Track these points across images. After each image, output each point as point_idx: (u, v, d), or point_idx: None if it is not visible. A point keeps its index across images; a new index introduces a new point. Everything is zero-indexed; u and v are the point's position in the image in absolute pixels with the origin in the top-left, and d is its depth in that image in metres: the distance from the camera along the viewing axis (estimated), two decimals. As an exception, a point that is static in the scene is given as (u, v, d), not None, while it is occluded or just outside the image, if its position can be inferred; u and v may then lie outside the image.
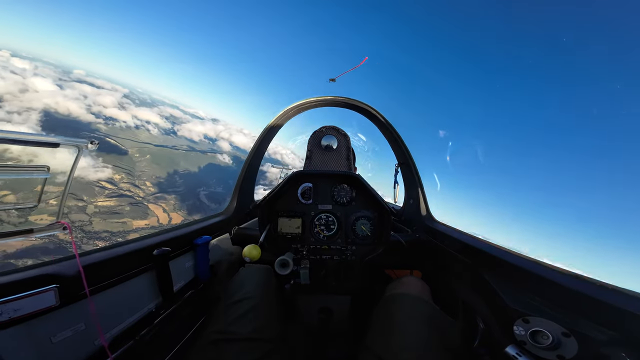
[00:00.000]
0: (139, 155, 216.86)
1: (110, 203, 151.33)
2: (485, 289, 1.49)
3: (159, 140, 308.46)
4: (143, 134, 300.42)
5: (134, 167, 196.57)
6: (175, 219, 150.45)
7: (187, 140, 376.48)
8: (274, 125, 2.64)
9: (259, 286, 1.47)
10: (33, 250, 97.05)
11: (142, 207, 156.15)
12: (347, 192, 2.21)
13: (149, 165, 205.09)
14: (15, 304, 0.97)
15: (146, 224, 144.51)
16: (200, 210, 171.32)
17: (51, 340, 1.10)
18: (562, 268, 1.22)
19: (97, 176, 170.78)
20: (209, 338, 1.17)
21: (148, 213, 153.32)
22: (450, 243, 1.96)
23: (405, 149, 2.54)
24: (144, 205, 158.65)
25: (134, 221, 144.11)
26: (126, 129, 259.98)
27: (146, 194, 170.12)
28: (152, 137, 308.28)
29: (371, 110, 2.60)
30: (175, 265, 1.71)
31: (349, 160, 2.46)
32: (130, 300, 1.47)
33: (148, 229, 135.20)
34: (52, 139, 1.09)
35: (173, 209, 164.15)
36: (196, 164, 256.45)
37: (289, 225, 2.17)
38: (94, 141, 1.18)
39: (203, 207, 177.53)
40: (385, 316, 1.31)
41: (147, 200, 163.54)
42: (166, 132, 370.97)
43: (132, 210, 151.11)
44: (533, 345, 1.14)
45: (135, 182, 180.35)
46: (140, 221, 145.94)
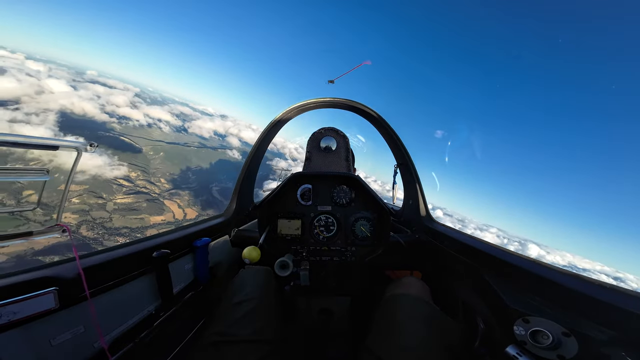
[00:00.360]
0: (152, 152, 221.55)
1: (128, 200, 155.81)
2: (485, 289, 1.49)
3: (171, 137, 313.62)
4: (155, 132, 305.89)
5: (149, 164, 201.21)
6: (190, 214, 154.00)
7: (198, 137, 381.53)
8: (273, 126, 2.60)
9: (259, 288, 1.48)
10: (59, 247, 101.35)
11: (159, 204, 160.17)
12: (347, 193, 2.20)
13: (162, 162, 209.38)
14: (15, 307, 0.96)
15: (162, 219, 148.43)
16: (213, 205, 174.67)
17: (50, 343, 1.10)
18: (562, 268, 1.22)
19: (114, 174, 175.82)
20: (210, 340, 1.17)
21: (164, 209, 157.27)
22: (449, 243, 1.95)
23: (404, 149, 2.51)
24: (160, 201, 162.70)
25: (151, 217, 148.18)
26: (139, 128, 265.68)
27: (161, 190, 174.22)
28: (165, 135, 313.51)
29: (370, 111, 2.55)
30: (174, 268, 1.71)
31: (348, 161, 2.45)
32: (129, 303, 1.47)
33: (165, 224, 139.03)
34: (51, 142, 1.08)
35: (187, 204, 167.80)
36: (207, 160, 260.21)
37: (288, 227, 2.16)
38: (93, 143, 1.18)
39: (216, 202, 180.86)
40: (386, 317, 1.32)
41: (163, 197, 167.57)
42: (177, 129, 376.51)
43: (149, 207, 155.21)
44: (533, 345, 1.14)
45: (151, 179, 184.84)
46: (157, 217, 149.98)
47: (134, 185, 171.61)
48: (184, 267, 1.87)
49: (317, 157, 2.47)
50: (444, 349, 1.14)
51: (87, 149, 1.18)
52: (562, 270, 1.20)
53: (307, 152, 2.48)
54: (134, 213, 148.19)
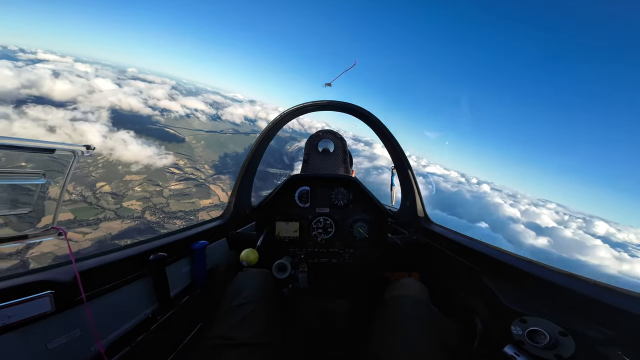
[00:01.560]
0: (195, 141, 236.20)
1: (180, 186, 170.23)
2: (483, 289, 1.49)
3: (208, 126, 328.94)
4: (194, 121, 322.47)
5: (193, 152, 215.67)
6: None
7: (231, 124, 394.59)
8: (271, 128, 2.61)
9: (259, 290, 1.46)
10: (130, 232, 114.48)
11: (205, 188, 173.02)
12: (345, 195, 2.19)
13: (204, 150, 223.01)
14: (9, 310, 0.95)
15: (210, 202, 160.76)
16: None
17: (47, 346, 1.09)
18: (559, 268, 1.23)
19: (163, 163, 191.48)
20: (209, 343, 1.17)
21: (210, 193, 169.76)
22: (447, 244, 1.95)
23: (401, 151, 2.54)
24: (206, 186, 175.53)
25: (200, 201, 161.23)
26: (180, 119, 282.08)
27: (206, 176, 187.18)
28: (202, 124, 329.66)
29: (367, 114, 2.55)
30: (172, 271, 1.71)
31: (346, 163, 2.47)
32: (126, 306, 1.46)
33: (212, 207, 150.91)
34: (48, 145, 1.06)
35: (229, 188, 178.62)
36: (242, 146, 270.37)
37: (286, 229, 2.14)
38: (90, 146, 1.16)
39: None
40: (385, 318, 1.31)
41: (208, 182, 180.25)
42: (212, 117, 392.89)
43: (197, 191, 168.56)
44: (531, 345, 1.15)
45: (196, 165, 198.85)
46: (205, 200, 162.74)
47: (183, 172, 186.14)
48: (181, 271, 1.85)
49: (315, 160, 2.48)
50: (443, 350, 1.15)
51: (84, 152, 1.16)
52: (560, 270, 1.22)
53: (305, 155, 2.49)
54: (186, 198, 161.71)
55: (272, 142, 2.67)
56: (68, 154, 1.14)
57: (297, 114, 2.63)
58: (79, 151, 1.15)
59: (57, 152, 1.11)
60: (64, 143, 1.11)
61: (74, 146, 1.14)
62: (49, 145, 1.07)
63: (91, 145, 1.16)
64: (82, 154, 1.16)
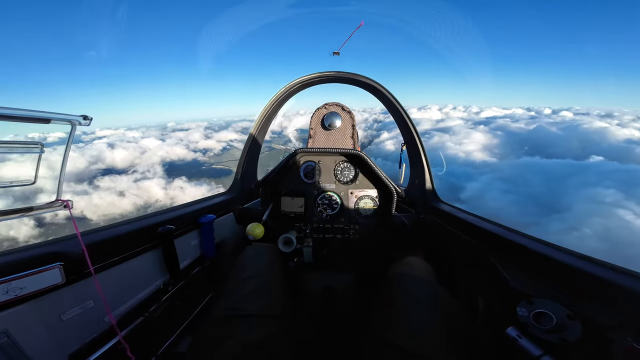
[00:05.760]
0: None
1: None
2: (490, 270, 1.46)
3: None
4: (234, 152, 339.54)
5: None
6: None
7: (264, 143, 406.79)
8: (276, 102, 2.52)
9: (266, 264, 1.49)
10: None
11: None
12: (351, 170, 2.16)
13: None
14: (21, 282, 0.96)
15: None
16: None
17: (61, 317, 1.10)
18: (570, 249, 1.19)
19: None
20: (220, 313, 1.19)
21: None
22: (454, 224, 1.91)
23: (412, 125, 2.37)
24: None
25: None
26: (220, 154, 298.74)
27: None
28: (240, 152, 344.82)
29: (376, 85, 2.39)
30: (180, 244, 1.72)
31: (352, 138, 2.35)
32: (137, 278, 1.47)
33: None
34: (43, 115, 1.03)
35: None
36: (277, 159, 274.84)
37: (291, 204, 2.15)
38: (87, 116, 1.14)
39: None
40: (389, 296, 1.31)
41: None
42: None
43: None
44: (535, 327, 1.12)
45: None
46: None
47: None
48: (190, 243, 1.87)
49: (321, 135, 2.35)
50: (447, 329, 1.14)
51: (81, 122, 1.15)
52: (570, 251, 1.18)
53: (311, 129, 2.35)
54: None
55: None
56: (65, 124, 1.12)
57: (302, 87, 2.55)
58: (76, 121, 1.14)
59: (53, 122, 1.08)
60: (60, 113, 1.09)
61: (71, 116, 1.12)
62: (44, 115, 1.03)
63: (88, 116, 1.14)
64: (79, 124, 1.14)
